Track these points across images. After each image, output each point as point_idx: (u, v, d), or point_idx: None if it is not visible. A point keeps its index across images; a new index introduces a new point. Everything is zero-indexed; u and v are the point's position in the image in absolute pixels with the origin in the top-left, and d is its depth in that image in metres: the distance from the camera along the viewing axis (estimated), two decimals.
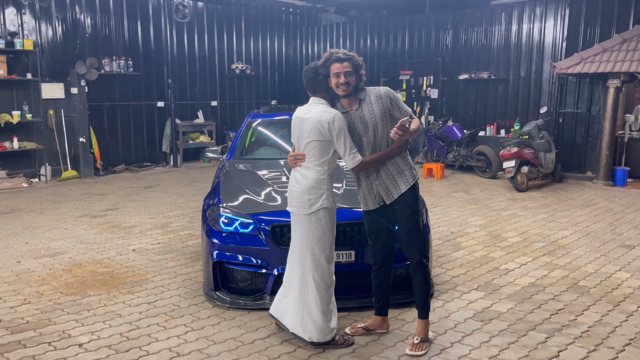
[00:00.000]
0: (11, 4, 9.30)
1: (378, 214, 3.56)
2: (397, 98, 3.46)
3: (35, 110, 9.52)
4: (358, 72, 3.43)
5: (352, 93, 3.42)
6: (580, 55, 9.07)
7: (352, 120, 3.46)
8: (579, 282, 4.73)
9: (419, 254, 3.47)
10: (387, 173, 3.47)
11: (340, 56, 3.39)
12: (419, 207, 3.52)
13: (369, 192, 3.53)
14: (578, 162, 9.96)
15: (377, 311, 3.73)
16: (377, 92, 3.46)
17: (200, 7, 12.22)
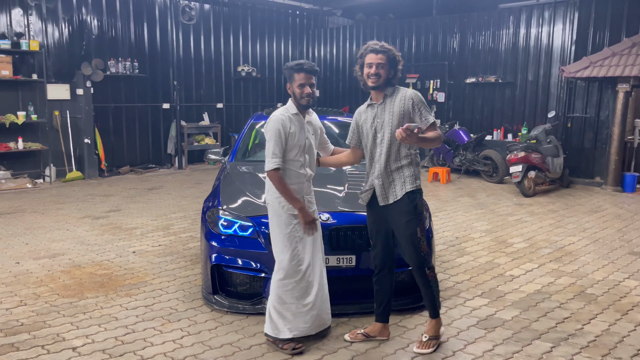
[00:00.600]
0: (18, 5, 9.32)
1: (375, 213, 3.51)
2: (421, 103, 3.36)
3: (41, 111, 9.52)
4: (393, 67, 3.39)
5: (382, 86, 3.39)
6: (589, 59, 8.95)
7: (374, 114, 3.43)
8: (586, 289, 4.61)
9: (415, 263, 3.41)
10: (389, 175, 3.40)
11: (377, 47, 3.37)
12: (417, 217, 3.39)
13: (371, 184, 3.49)
14: (586, 167, 9.82)
15: (378, 317, 3.65)
16: (404, 92, 3.40)
17: (207, 9, 12.21)
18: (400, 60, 3.42)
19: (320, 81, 14.26)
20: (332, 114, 6.41)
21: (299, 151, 3.50)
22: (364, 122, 3.52)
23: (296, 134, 3.47)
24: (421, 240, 3.38)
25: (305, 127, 3.55)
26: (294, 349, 3.43)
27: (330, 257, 3.91)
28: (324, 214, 4.00)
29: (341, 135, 6.27)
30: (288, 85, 3.54)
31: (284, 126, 3.43)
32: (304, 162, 3.54)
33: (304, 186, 3.56)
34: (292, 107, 3.54)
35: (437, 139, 3.35)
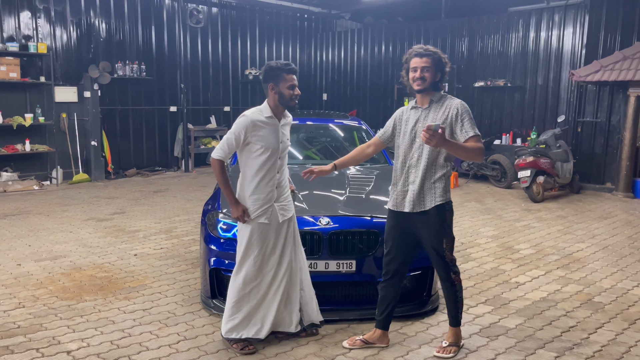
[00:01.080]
0: (26, 8, 9.38)
1: (397, 218, 3.43)
2: (466, 114, 3.25)
3: (48, 113, 9.56)
4: (439, 70, 3.31)
5: (428, 89, 3.31)
6: (600, 62, 8.81)
7: (417, 117, 3.36)
8: (594, 298, 4.50)
9: (444, 273, 3.39)
10: (423, 183, 3.31)
11: (421, 51, 3.30)
12: (444, 230, 3.32)
13: (397, 190, 3.42)
14: (597, 173, 9.66)
15: (378, 324, 3.57)
16: (451, 101, 3.31)
17: (215, 12, 12.23)
18: (447, 62, 3.33)
19: (328, 85, 14.22)
20: (337, 118, 6.36)
21: (271, 155, 3.39)
22: (405, 122, 3.43)
23: (267, 138, 3.36)
24: (446, 250, 3.34)
25: (279, 131, 3.44)
26: (243, 349, 3.41)
27: (330, 262, 3.85)
28: (324, 218, 3.94)
29: (345, 138, 6.24)
30: (271, 85, 3.38)
31: (252, 128, 3.32)
32: (276, 167, 3.44)
33: (275, 192, 3.45)
34: (267, 109, 3.41)
35: (476, 151, 3.19)
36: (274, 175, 3.43)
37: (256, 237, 3.41)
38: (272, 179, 3.42)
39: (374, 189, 4.57)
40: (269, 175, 3.41)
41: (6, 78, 8.90)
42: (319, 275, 3.86)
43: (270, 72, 3.40)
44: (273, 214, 3.44)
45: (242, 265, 3.43)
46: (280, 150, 3.44)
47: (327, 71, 14.21)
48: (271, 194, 3.43)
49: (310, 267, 3.82)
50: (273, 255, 3.46)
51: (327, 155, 5.90)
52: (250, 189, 3.41)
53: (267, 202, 3.42)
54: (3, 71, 8.85)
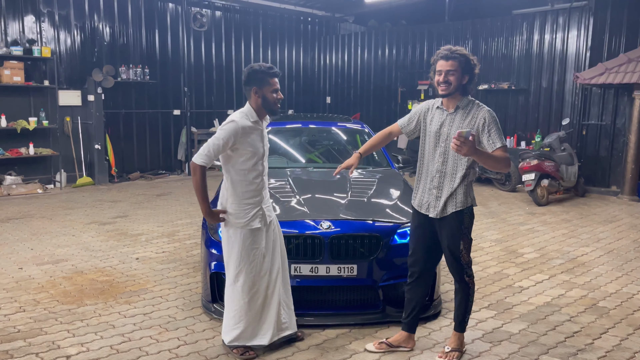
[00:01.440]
0: (30, 12, 9.42)
1: (421, 218, 3.40)
2: (493, 124, 3.16)
3: (52, 116, 9.59)
4: (467, 72, 3.19)
5: (453, 93, 3.21)
6: (604, 65, 8.76)
7: (442, 120, 3.28)
8: (598, 302, 4.45)
9: (458, 275, 3.36)
10: (445, 189, 3.26)
11: (447, 53, 3.18)
12: (461, 233, 3.28)
13: (422, 192, 3.39)
14: (602, 176, 9.60)
15: (404, 326, 3.55)
16: (478, 107, 3.23)
17: (218, 16, 12.25)
18: (476, 64, 3.22)
19: (332, 88, 14.21)
20: (340, 121, 6.34)
21: (258, 160, 3.37)
22: (429, 122, 3.35)
23: (254, 143, 3.33)
24: (462, 252, 3.30)
25: (263, 135, 3.44)
26: (243, 355, 3.40)
27: (331, 267, 3.82)
28: (325, 222, 3.91)
29: (348, 142, 6.21)
30: (254, 88, 3.33)
31: (240, 134, 3.26)
32: (262, 171, 3.43)
33: (262, 195, 3.44)
34: (253, 114, 3.37)
35: (503, 161, 3.12)
36: (261, 180, 3.43)
37: (250, 243, 3.37)
38: (260, 182, 3.41)
39: (376, 193, 4.54)
40: (257, 180, 3.39)
41: (10, 82, 8.94)
42: (320, 280, 3.83)
43: (254, 75, 3.34)
44: (263, 217, 3.43)
45: (240, 272, 3.38)
46: (264, 154, 3.44)
47: (331, 74, 14.20)
48: (260, 197, 3.42)
49: (311, 271, 3.80)
50: (266, 259, 3.45)
51: (329, 159, 5.88)
52: (240, 195, 3.36)
53: (257, 205, 3.40)
54: (7, 75, 8.89)
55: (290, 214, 4.06)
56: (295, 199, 4.29)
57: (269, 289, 3.46)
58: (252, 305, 3.40)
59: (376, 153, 5.72)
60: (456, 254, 3.30)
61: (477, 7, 12.32)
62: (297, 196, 4.34)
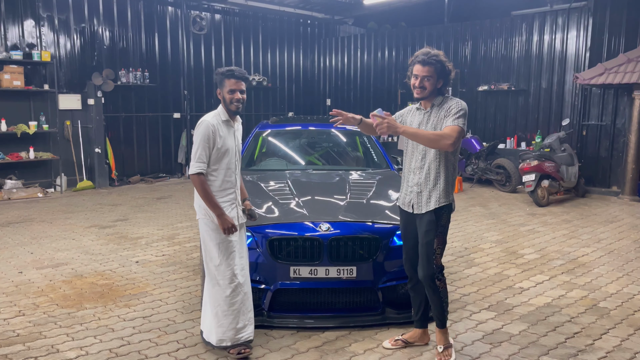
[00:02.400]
0: (30, 17, 9.44)
1: (407, 217, 3.46)
2: (457, 109, 3.20)
3: (52, 120, 9.60)
4: (442, 77, 3.27)
5: (427, 97, 3.32)
6: (604, 65, 8.76)
7: (420, 120, 3.38)
8: (599, 303, 4.43)
9: (426, 273, 3.33)
10: (425, 186, 3.32)
11: (425, 59, 3.24)
12: (437, 228, 3.30)
13: (406, 190, 3.46)
14: (602, 177, 9.58)
15: (416, 324, 3.64)
16: (450, 101, 3.30)
17: (218, 19, 12.26)
18: (451, 69, 3.30)
19: (332, 90, 14.21)
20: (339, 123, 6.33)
21: (230, 158, 3.48)
22: (411, 123, 3.44)
23: (227, 140, 3.47)
24: (436, 252, 3.30)
25: (234, 134, 3.55)
26: (240, 354, 3.43)
27: (330, 269, 3.81)
28: (324, 224, 3.90)
29: (348, 144, 6.21)
30: (218, 90, 3.51)
31: (214, 132, 3.40)
32: (234, 169, 3.54)
33: (236, 193, 3.55)
34: (224, 113, 3.51)
35: (437, 137, 3.12)
36: (235, 178, 3.53)
37: (225, 240, 3.44)
38: (233, 181, 3.52)
39: (375, 194, 4.54)
40: (231, 177, 3.50)
41: (10, 86, 8.95)
42: (319, 282, 3.83)
43: (216, 77, 3.56)
44: (238, 215, 3.52)
45: (219, 265, 3.45)
46: (237, 151, 3.56)
47: (331, 77, 14.21)
48: (234, 195, 3.52)
49: (311, 273, 3.80)
50: (240, 255, 3.53)
51: (329, 161, 5.88)
52: (216, 192, 3.44)
53: (232, 202, 3.49)
54: (7, 79, 8.90)
55: (289, 216, 4.06)
56: (295, 201, 4.29)
57: (245, 285, 3.54)
58: (233, 299, 3.45)
59: (375, 155, 5.72)
60: (429, 254, 3.29)
61: (476, 8, 12.33)
62: (296, 198, 4.34)
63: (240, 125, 3.68)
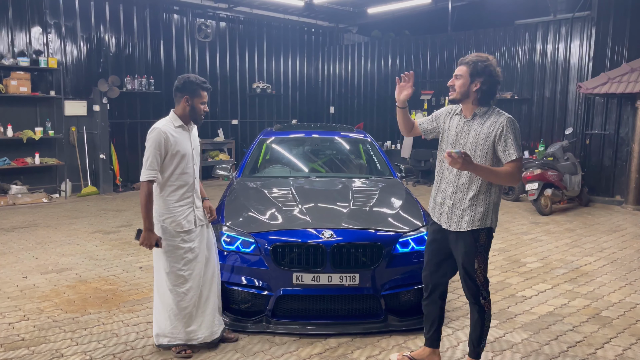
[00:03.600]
0: (37, 24, 9.54)
1: (436, 232, 3.26)
2: (511, 133, 2.98)
3: (58, 126, 9.67)
4: (479, 76, 3.03)
5: (459, 99, 3.12)
6: (607, 75, 8.79)
7: (459, 127, 3.16)
8: (601, 312, 4.44)
9: (473, 297, 3.17)
10: (461, 202, 3.09)
11: (463, 59, 3.13)
12: (476, 250, 3.09)
13: (435, 200, 3.27)
14: (606, 186, 9.58)
15: (427, 342, 3.44)
16: (498, 115, 3.06)
17: (223, 27, 12.36)
18: (486, 72, 3.02)
19: (336, 97, 14.27)
20: (343, 131, 6.38)
21: (187, 162, 3.55)
22: (448, 127, 3.23)
23: (181, 144, 3.51)
24: (477, 272, 3.11)
25: (190, 139, 3.62)
26: (179, 353, 3.52)
27: (333, 276, 3.83)
28: (327, 231, 3.93)
29: (351, 151, 6.24)
30: (186, 97, 3.53)
31: (165, 139, 3.44)
32: (192, 173, 3.61)
33: (194, 197, 3.61)
34: (177, 119, 3.57)
35: (511, 177, 2.97)
36: (192, 181, 3.59)
37: (179, 242, 3.51)
38: (191, 184, 3.58)
39: (378, 202, 4.56)
40: (188, 181, 3.56)
41: (17, 92, 9.03)
42: (322, 289, 3.84)
43: (189, 85, 3.55)
44: (195, 218, 3.57)
45: (168, 277, 3.51)
46: (194, 155, 3.63)
47: (335, 84, 14.28)
48: (191, 199, 3.58)
49: (313, 280, 3.82)
50: (199, 260, 3.58)
51: (332, 168, 5.91)
52: (171, 196, 3.51)
53: (187, 206, 3.55)
54: (14, 85, 8.99)
55: (292, 223, 4.09)
56: (298, 208, 4.31)
57: (204, 289, 3.60)
58: (185, 303, 3.51)
59: (378, 162, 5.74)
60: (471, 273, 3.12)
61: (480, 17, 12.40)
62: (299, 205, 4.36)
63: (194, 132, 3.75)
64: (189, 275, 3.53)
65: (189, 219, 3.54)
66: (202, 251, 3.62)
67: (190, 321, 3.55)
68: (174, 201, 3.51)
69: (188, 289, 3.52)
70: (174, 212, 3.50)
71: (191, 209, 3.57)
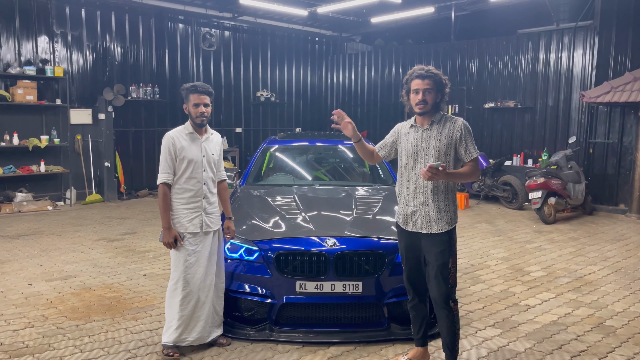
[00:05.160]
0: (44, 33, 9.64)
1: (407, 238, 3.40)
2: (469, 135, 3.28)
3: (63, 135, 9.74)
4: (440, 91, 3.29)
5: (430, 112, 3.30)
6: (610, 84, 8.80)
7: (417, 137, 3.33)
8: (605, 321, 4.42)
9: (442, 294, 3.25)
10: (435, 204, 3.27)
11: (422, 73, 3.26)
12: (450, 248, 3.28)
13: (406, 209, 3.38)
14: (610, 194, 9.56)
15: (418, 342, 3.58)
16: (453, 121, 3.31)
17: (227, 36, 12.45)
18: (447, 83, 3.32)
19: (339, 106, 14.31)
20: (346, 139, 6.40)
21: (195, 168, 3.68)
22: (405, 142, 3.40)
23: (189, 151, 3.67)
24: (451, 272, 3.26)
25: (201, 146, 3.74)
26: (167, 355, 3.62)
27: (336, 284, 3.84)
28: (331, 239, 3.94)
29: (354, 159, 6.25)
30: (185, 105, 3.76)
31: (174, 144, 3.64)
32: (202, 179, 3.72)
33: (203, 203, 3.72)
34: (189, 126, 3.77)
35: (473, 174, 3.28)
36: (200, 187, 3.72)
37: (185, 244, 3.64)
38: (199, 190, 3.71)
39: (381, 210, 4.57)
40: (196, 186, 3.70)
41: (23, 101, 9.11)
42: (325, 297, 3.85)
43: (181, 92, 3.80)
44: (202, 223, 3.70)
45: (173, 276, 3.66)
46: (205, 163, 3.73)
47: (338, 93, 14.34)
48: (199, 204, 3.71)
49: (317, 288, 3.83)
50: (201, 264, 3.68)
51: (335, 176, 5.93)
52: (179, 199, 3.68)
53: (195, 210, 3.68)
54: (20, 94, 9.07)
55: (295, 231, 4.11)
56: (301, 216, 4.33)
57: (201, 294, 3.69)
58: (184, 305, 3.63)
59: (382, 170, 5.76)
60: (445, 273, 3.24)
61: (483, 26, 12.46)
62: (302, 213, 4.38)
63: (214, 137, 3.90)
64: (190, 278, 3.65)
65: (194, 222, 3.68)
66: (204, 257, 3.71)
67: (183, 325, 3.65)
68: (181, 204, 3.68)
69: (188, 293, 3.64)
70: (179, 214, 3.67)
71: (198, 213, 3.69)
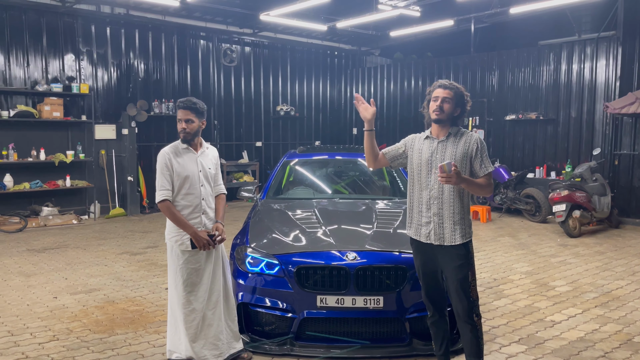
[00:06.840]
0: (70, 51, 9.91)
1: (423, 254, 3.37)
2: (484, 150, 3.32)
3: (88, 150, 9.95)
4: (459, 105, 3.33)
5: (444, 121, 3.32)
6: (634, 94, 8.66)
7: (433, 148, 3.35)
8: (634, 337, 4.31)
9: (465, 308, 3.23)
10: (451, 217, 3.26)
11: (445, 84, 3.34)
12: (469, 261, 3.26)
13: (419, 221, 3.36)
14: (637, 207, 9.35)
15: (440, 359, 3.53)
16: (470, 135, 3.35)
17: (248, 51, 12.62)
18: (468, 100, 3.36)
19: (359, 119, 14.34)
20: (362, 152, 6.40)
21: (192, 183, 3.64)
22: (417, 152, 3.41)
23: (185, 166, 3.63)
24: (471, 285, 3.24)
25: (197, 161, 3.70)
26: None
27: (357, 298, 3.82)
28: (351, 253, 3.93)
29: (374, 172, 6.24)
30: None
31: (169, 159, 3.60)
32: (200, 194, 3.67)
33: (202, 218, 3.68)
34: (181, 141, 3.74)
35: (488, 188, 3.29)
36: (199, 203, 3.67)
37: (184, 262, 3.61)
38: (197, 206, 3.66)
39: (401, 224, 4.53)
40: (193, 202, 3.65)
41: (50, 117, 9.35)
42: (346, 311, 3.83)
43: None
44: None
45: (176, 293, 3.62)
46: (202, 177, 3.69)
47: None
48: (198, 220, 3.66)
49: (337, 302, 3.81)
50: (204, 281, 3.64)
51: (355, 190, 5.93)
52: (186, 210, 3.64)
53: (196, 226, 3.62)
54: (47, 111, 9.30)
55: (316, 245, 4.10)
56: (322, 230, 4.33)
57: (207, 312, 3.65)
58: (189, 322, 3.58)
59: (402, 183, 5.74)
60: (465, 287, 3.21)
61: (503, 39, 12.40)
62: (323, 227, 4.38)
63: (210, 151, 3.85)
64: (194, 298, 3.61)
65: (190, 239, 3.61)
66: (207, 274, 3.67)
67: (195, 338, 3.62)
68: None
69: (192, 310, 3.61)
70: (179, 231, 3.60)
71: (198, 228, 3.64)
